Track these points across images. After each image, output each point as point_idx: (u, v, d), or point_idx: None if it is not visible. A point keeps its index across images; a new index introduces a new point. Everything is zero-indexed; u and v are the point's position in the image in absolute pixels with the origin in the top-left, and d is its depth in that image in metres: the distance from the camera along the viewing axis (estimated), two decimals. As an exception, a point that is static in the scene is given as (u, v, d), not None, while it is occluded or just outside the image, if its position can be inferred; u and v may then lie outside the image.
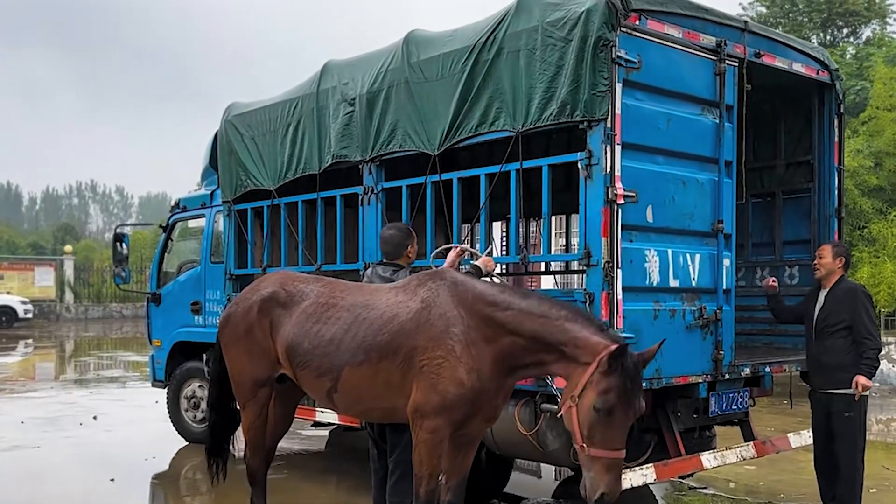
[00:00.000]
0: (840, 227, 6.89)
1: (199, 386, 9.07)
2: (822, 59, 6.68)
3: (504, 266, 7.81)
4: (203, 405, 9.07)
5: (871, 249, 16.58)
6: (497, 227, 9.75)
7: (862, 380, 5.58)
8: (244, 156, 8.02)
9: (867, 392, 5.71)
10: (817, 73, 6.63)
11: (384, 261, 5.51)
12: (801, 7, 25.48)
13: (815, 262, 5.96)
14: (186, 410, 9.24)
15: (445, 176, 6.11)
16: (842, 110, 6.88)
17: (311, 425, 8.91)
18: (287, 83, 8.08)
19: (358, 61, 7.06)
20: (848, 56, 22.75)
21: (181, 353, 9.26)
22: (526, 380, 5.41)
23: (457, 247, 5.61)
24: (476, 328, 4.35)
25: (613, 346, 3.92)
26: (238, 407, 5.50)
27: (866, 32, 25.85)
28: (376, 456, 5.49)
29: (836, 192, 6.85)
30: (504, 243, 9.96)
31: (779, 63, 6.25)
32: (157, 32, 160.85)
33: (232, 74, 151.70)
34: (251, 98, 8.47)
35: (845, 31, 25.97)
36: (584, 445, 3.94)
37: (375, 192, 6.65)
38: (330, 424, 7.98)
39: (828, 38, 25.56)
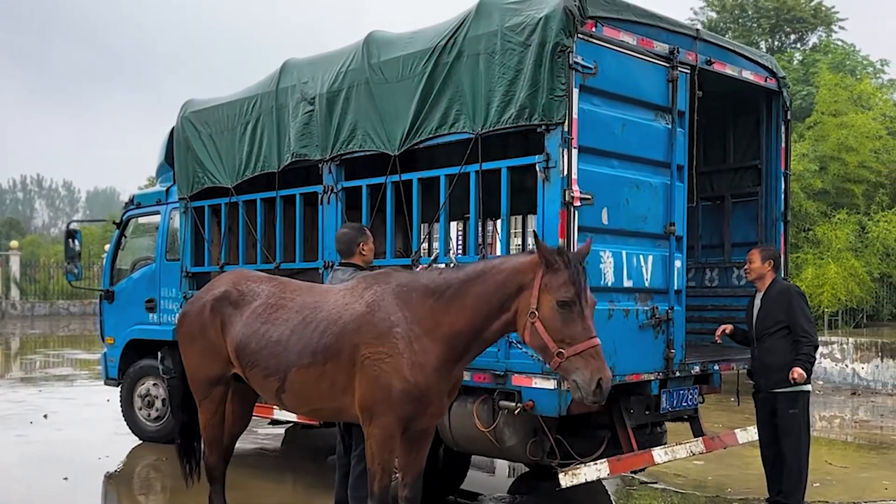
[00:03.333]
0: (786, 230, 7.12)
1: (154, 384, 9.00)
2: (770, 66, 6.90)
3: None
4: (157, 403, 9.01)
5: (815, 251, 17.07)
6: (453, 226, 9.84)
7: (797, 370, 5.78)
8: (201, 153, 7.99)
9: (807, 387, 5.93)
10: (766, 81, 6.84)
11: (342, 261, 5.56)
12: (750, 13, 26.08)
13: (746, 266, 6.21)
14: (140, 409, 9.15)
15: (405, 176, 6.19)
16: (789, 117, 7.10)
17: (269, 423, 8.91)
18: (241, 76, 8.08)
19: (317, 60, 7.08)
20: (795, 62, 23.35)
21: (135, 351, 9.16)
22: (484, 378, 5.52)
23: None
24: (419, 322, 4.41)
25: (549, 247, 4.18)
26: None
27: (813, 39, 26.57)
28: (342, 452, 5.55)
29: (783, 196, 7.07)
30: (461, 243, 10.06)
31: (729, 70, 6.44)
32: (103, 20, 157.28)
33: (182, 68, 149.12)
34: (204, 95, 8.45)
35: (793, 37, 26.65)
36: (561, 350, 4.01)
37: (335, 191, 6.69)
38: (287, 422, 7.99)
39: (776, 43, 26.21)
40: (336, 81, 6.62)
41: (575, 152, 5.20)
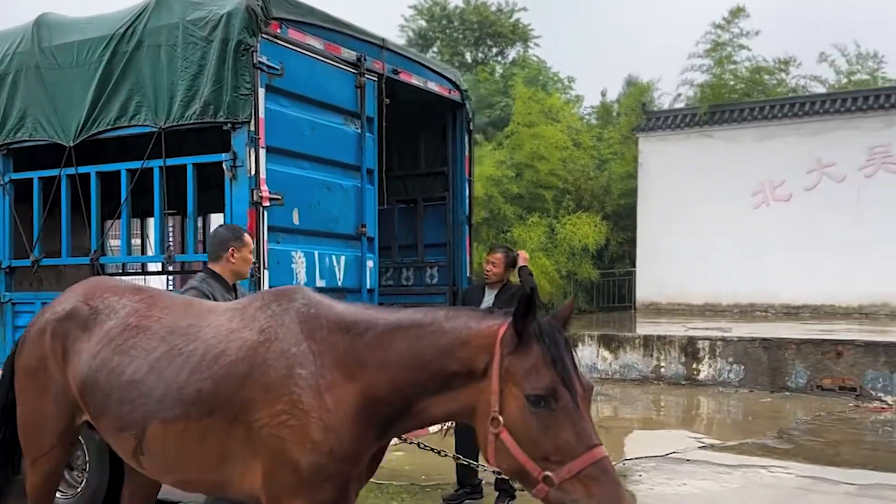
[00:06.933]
0: (470, 232, 7.64)
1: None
2: (453, 79, 7.37)
3: (140, 266, 7.55)
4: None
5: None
6: (136, 223, 9.28)
7: None
8: None
9: None
10: (450, 93, 7.30)
11: (206, 266, 4.53)
12: (456, 24, 27.65)
13: (489, 267, 6.19)
14: None
15: (82, 169, 5.82)
16: (471, 127, 7.63)
17: None
18: None
19: (-19, 41, 6.41)
20: (496, 74, 25.09)
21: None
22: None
23: None
24: (332, 367, 3.09)
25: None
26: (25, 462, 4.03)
27: (512, 54, 28.76)
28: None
29: (467, 201, 7.60)
30: (140, 241, 9.51)
31: (415, 81, 6.78)
32: None
33: None
34: None
35: (494, 50, 28.66)
36: (548, 474, 2.66)
37: (2, 183, 6.15)
38: None
39: (480, 55, 28.04)
40: (2, 64, 6.09)
41: (262, 152, 5.20)
